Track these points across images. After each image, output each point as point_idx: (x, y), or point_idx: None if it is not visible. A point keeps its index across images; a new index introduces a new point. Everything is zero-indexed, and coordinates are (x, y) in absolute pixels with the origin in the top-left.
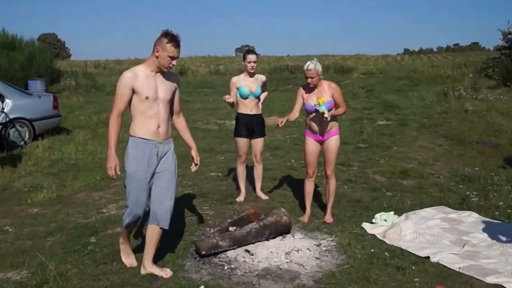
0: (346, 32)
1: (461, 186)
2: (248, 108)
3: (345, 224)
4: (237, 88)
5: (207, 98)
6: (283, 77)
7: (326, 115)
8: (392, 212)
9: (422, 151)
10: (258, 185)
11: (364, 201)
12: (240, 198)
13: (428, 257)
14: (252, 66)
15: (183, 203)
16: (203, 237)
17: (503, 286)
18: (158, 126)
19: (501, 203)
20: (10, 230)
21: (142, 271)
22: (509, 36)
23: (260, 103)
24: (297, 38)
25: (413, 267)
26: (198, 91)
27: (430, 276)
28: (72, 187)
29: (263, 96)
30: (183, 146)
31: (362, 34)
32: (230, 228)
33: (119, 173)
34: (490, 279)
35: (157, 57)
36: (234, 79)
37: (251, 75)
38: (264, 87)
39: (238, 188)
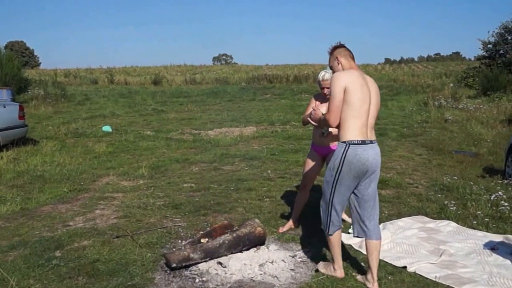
0: (326, 41)
1: (439, 195)
2: None
3: (321, 234)
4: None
5: (182, 107)
6: (261, 86)
7: (323, 130)
8: None
9: (401, 161)
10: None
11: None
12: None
13: (405, 267)
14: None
15: (154, 215)
16: (174, 249)
17: None
18: None
19: (479, 212)
20: None
21: None
22: (489, 45)
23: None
24: (276, 47)
25: (390, 277)
26: (172, 101)
27: (407, 286)
28: (37, 199)
29: None
30: (156, 157)
31: (342, 43)
32: (202, 240)
33: None
34: None
35: None
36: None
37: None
38: None
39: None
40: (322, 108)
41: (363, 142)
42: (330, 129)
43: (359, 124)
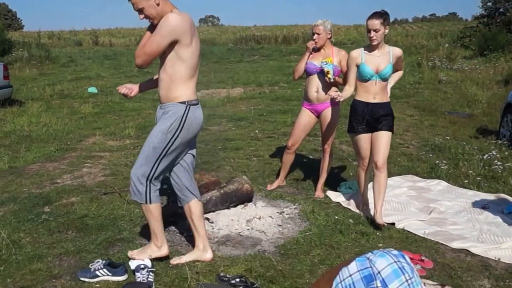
0: (316, 1)
1: (430, 155)
2: (371, 94)
3: (309, 192)
4: (357, 66)
5: None
6: (249, 48)
7: (330, 75)
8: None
9: None
10: (378, 209)
11: (330, 170)
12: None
13: (393, 224)
14: (372, 37)
15: None
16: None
17: (468, 251)
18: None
19: (471, 171)
20: None
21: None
22: (488, 3)
23: (388, 88)
24: (265, 7)
25: (378, 233)
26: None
27: (395, 241)
28: (25, 158)
29: (395, 77)
30: (142, 118)
31: (332, 3)
32: None
33: None
34: (455, 244)
35: None
36: (354, 54)
37: (374, 47)
38: (398, 64)
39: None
40: (316, 59)
41: (198, 102)
42: (333, 77)
43: (194, 82)
